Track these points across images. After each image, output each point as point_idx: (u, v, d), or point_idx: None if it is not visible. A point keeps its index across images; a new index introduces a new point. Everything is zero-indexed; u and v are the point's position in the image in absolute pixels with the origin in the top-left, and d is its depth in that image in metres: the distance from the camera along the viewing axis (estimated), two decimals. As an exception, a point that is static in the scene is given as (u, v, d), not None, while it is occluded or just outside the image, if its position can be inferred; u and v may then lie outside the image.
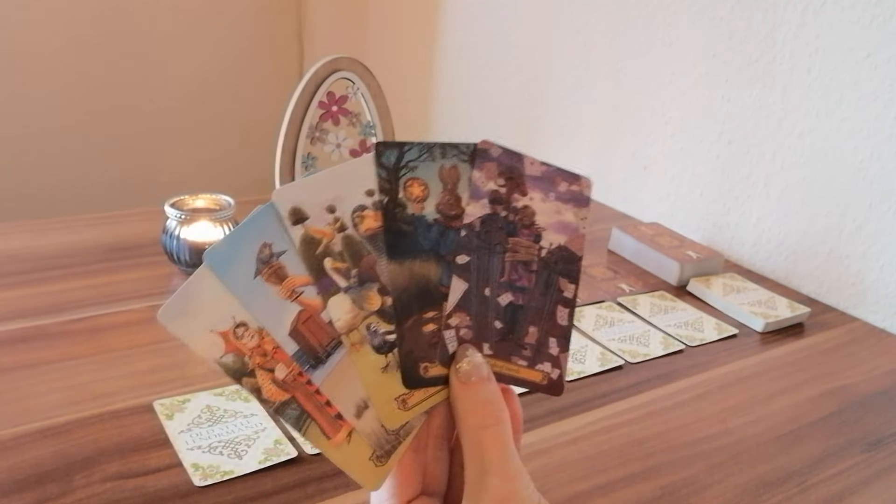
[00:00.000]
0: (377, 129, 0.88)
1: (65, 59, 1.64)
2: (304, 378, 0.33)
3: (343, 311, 0.33)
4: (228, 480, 0.49)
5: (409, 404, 0.34)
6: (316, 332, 0.33)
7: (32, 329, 0.64)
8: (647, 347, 0.71)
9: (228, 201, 0.77)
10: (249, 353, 0.32)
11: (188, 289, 0.31)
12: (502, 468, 0.31)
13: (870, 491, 0.54)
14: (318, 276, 0.33)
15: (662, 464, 0.55)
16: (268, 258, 0.32)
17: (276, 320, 0.32)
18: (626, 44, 1.10)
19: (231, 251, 0.32)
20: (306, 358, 0.33)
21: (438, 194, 0.34)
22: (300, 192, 0.32)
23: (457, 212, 0.34)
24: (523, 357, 0.35)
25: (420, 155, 0.34)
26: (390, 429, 0.34)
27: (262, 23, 1.88)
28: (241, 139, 1.90)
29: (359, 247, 0.33)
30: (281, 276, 0.32)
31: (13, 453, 0.49)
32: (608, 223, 0.99)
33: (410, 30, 1.57)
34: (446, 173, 0.34)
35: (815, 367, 0.71)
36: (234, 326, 0.32)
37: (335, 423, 0.33)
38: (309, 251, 0.32)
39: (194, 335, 0.31)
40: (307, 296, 0.33)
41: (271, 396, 0.32)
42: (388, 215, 0.33)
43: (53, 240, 0.82)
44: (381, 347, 0.33)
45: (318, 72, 0.81)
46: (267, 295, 0.32)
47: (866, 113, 0.81)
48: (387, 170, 0.33)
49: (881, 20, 0.79)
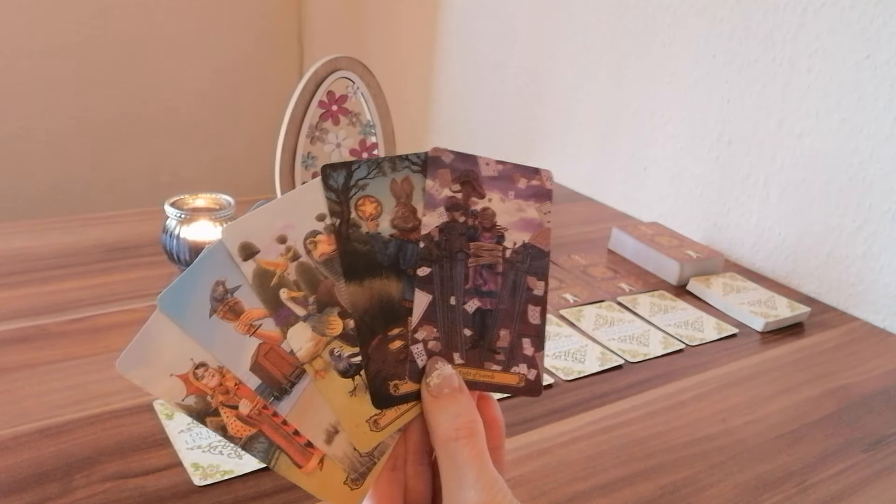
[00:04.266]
0: (377, 128, 0.88)
1: (65, 60, 1.64)
2: (269, 410, 0.33)
3: (304, 339, 0.33)
4: (228, 480, 0.49)
5: (381, 424, 0.34)
6: (278, 364, 0.33)
7: (32, 329, 0.64)
8: (647, 347, 0.71)
9: (228, 201, 0.77)
10: (211, 392, 0.32)
11: (144, 336, 0.31)
12: (478, 480, 0.31)
13: (870, 491, 0.54)
14: (276, 308, 0.32)
15: (662, 464, 0.55)
16: (222, 295, 0.32)
17: (236, 356, 0.32)
18: (626, 44, 1.10)
19: (184, 293, 0.31)
20: (270, 390, 0.32)
21: (392, 209, 0.34)
22: (248, 225, 0.32)
23: (413, 224, 0.34)
24: (497, 362, 0.34)
25: (369, 172, 0.34)
26: (364, 451, 0.34)
27: (263, 23, 1.88)
28: (242, 139, 1.90)
29: (314, 273, 0.33)
30: (237, 311, 0.32)
31: (13, 453, 0.49)
32: (608, 223, 0.99)
33: (410, 30, 1.57)
34: (398, 186, 0.34)
35: (815, 367, 0.71)
36: (193, 368, 0.32)
37: (305, 452, 0.33)
38: (263, 285, 0.32)
39: (154, 381, 0.31)
40: (266, 328, 0.32)
41: (237, 433, 0.32)
42: (342, 237, 0.33)
43: (53, 240, 0.82)
44: (347, 371, 0.33)
45: (318, 71, 0.81)
46: (225, 332, 0.32)
47: (866, 113, 0.81)
48: (335, 192, 0.33)
49: (881, 21, 0.79)
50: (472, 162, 0.35)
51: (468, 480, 0.31)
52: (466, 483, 0.31)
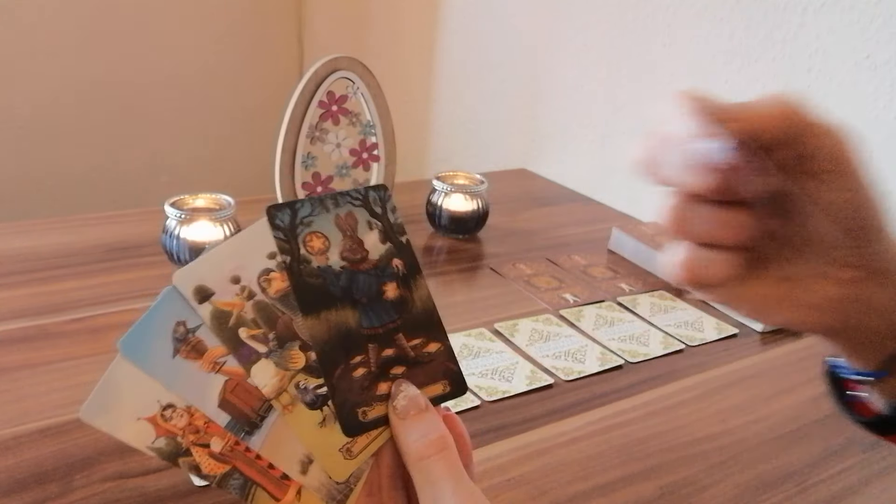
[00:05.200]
0: (377, 128, 0.88)
1: (64, 60, 1.64)
2: (241, 446, 0.33)
3: (268, 376, 0.33)
4: (228, 480, 0.48)
5: (354, 452, 0.34)
6: (246, 399, 0.33)
7: (32, 329, 0.64)
8: (647, 347, 0.71)
9: (228, 201, 0.77)
10: (181, 432, 0.32)
11: (107, 382, 0.31)
12: (455, 493, 0.31)
13: (870, 491, 0.54)
14: (236, 347, 0.33)
15: (662, 464, 0.55)
16: (184, 335, 0.32)
17: (202, 394, 0.32)
18: (626, 44, 1.10)
19: (144, 336, 0.32)
20: (240, 426, 0.33)
21: (340, 242, 0.35)
22: (200, 269, 0.33)
23: (362, 255, 0.35)
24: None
25: (313, 210, 0.35)
26: (339, 480, 0.34)
27: (262, 23, 1.88)
28: (242, 139, 1.90)
29: (271, 310, 0.33)
30: (200, 350, 0.32)
31: (13, 453, 0.49)
32: (608, 223, 0.99)
33: (410, 30, 1.57)
34: (343, 221, 0.35)
35: (815, 367, 0.71)
36: (160, 410, 0.32)
37: (281, 484, 0.33)
38: (221, 325, 0.32)
39: (120, 427, 0.31)
40: (231, 364, 0.33)
41: (211, 471, 0.32)
42: (294, 273, 0.34)
43: (53, 240, 0.82)
44: (315, 403, 0.33)
45: (318, 71, 0.81)
46: (189, 371, 0.32)
47: (866, 113, 0.81)
48: (283, 231, 0.34)
49: (881, 21, 0.79)
50: None
51: (445, 494, 0.31)
52: (444, 497, 0.31)
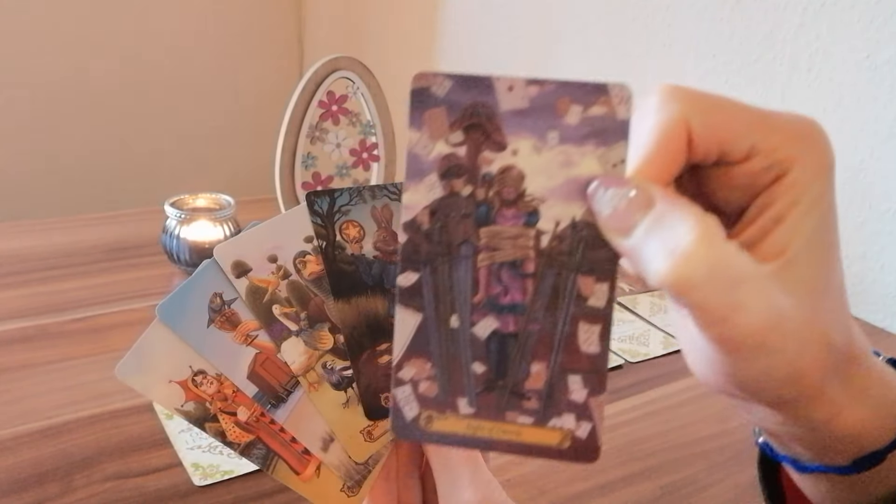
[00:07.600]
0: (377, 128, 0.88)
1: (64, 59, 1.64)
2: (266, 418, 0.34)
3: (297, 353, 0.34)
4: (228, 480, 0.48)
5: (374, 435, 0.35)
6: (274, 373, 0.34)
7: (32, 329, 0.64)
8: (647, 347, 0.71)
9: (228, 201, 0.77)
10: (210, 398, 0.33)
11: (143, 344, 0.32)
12: (472, 480, 0.31)
13: (870, 491, 0.54)
14: (269, 323, 0.34)
15: (662, 464, 0.55)
16: (220, 307, 0.33)
17: (233, 365, 0.33)
18: (625, 44, 1.10)
19: (182, 304, 0.33)
20: (267, 398, 0.34)
21: (374, 233, 0.35)
22: (240, 246, 0.34)
23: (395, 247, 0.35)
24: (526, 411, 0.23)
25: (351, 199, 0.35)
26: (358, 461, 0.35)
27: (262, 23, 1.88)
28: (242, 139, 1.90)
29: (304, 291, 0.34)
30: (234, 322, 0.33)
31: (13, 453, 0.49)
32: (608, 223, 0.99)
33: (410, 30, 1.57)
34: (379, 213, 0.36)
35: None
36: (192, 375, 0.33)
37: (303, 459, 0.34)
38: (256, 301, 0.34)
39: (153, 387, 0.33)
40: (262, 339, 0.34)
41: (236, 438, 0.33)
42: (329, 258, 0.35)
43: (53, 240, 0.82)
44: (340, 384, 0.34)
45: (318, 71, 0.81)
46: (222, 342, 0.33)
47: (866, 113, 0.81)
48: (321, 217, 0.35)
49: (881, 20, 0.79)
50: (486, 88, 0.22)
51: (463, 481, 0.31)
52: (462, 484, 0.31)
